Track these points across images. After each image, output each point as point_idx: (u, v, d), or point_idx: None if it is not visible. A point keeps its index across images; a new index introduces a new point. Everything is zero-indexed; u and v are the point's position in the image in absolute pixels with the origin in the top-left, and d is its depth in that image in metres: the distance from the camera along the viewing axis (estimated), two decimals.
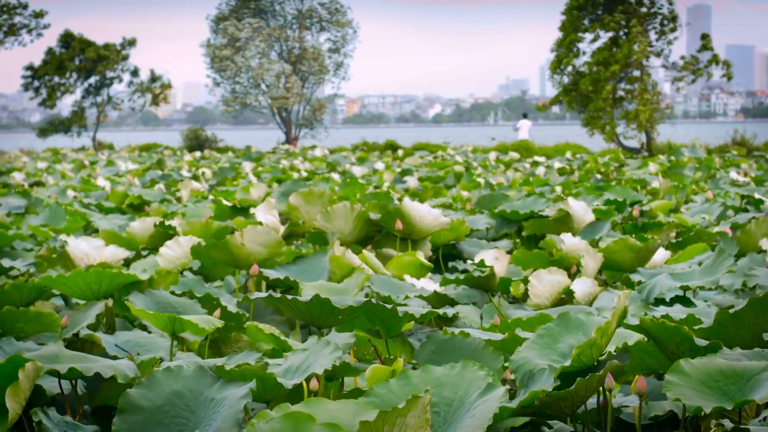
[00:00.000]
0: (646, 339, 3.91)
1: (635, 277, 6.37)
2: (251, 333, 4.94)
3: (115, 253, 6.66)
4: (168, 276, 6.07)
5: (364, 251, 6.60)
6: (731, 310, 4.01)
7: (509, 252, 8.22)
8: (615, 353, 3.83)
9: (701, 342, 3.76)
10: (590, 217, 8.88)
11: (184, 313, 4.95)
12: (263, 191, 13.24)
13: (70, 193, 14.60)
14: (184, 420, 3.34)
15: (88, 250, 6.60)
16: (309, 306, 4.33)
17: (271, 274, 6.32)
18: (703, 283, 5.83)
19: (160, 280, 5.99)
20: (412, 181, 16.26)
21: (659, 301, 5.57)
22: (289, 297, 4.42)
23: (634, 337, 4.00)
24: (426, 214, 7.98)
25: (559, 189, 13.70)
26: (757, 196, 10.51)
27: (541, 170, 19.79)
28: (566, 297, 6.08)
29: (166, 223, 8.34)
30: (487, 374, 3.44)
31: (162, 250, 7.05)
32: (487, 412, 3.16)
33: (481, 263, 6.42)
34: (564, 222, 8.82)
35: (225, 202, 10.07)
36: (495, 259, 6.56)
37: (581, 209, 8.87)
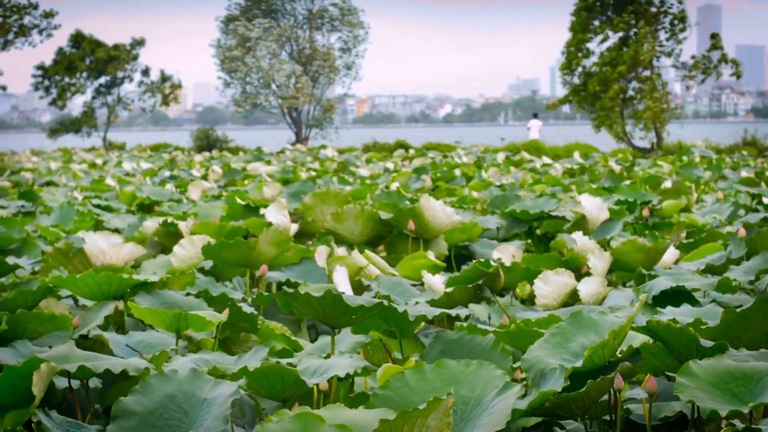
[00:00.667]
0: (651, 340, 3.90)
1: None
2: (263, 332, 4.95)
3: (133, 251, 6.54)
4: (182, 277, 5.99)
5: (366, 251, 6.56)
6: (738, 310, 4.01)
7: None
8: (621, 355, 3.83)
9: (707, 343, 3.76)
10: (605, 215, 8.75)
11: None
12: (276, 190, 13.18)
13: (78, 193, 14.57)
14: (177, 422, 3.35)
15: (105, 247, 6.49)
16: (322, 303, 4.32)
17: (275, 276, 6.32)
18: (701, 285, 5.82)
19: (174, 280, 5.92)
20: (428, 180, 16.20)
21: (666, 302, 5.54)
22: (302, 291, 4.42)
23: (639, 339, 4.00)
24: (440, 212, 7.92)
25: (574, 188, 13.63)
26: (765, 200, 10.48)
27: (557, 168, 19.73)
28: (573, 299, 6.04)
29: (172, 222, 8.29)
30: (504, 373, 3.45)
31: (175, 249, 6.98)
32: (504, 409, 3.17)
33: (486, 262, 6.36)
34: (578, 221, 8.76)
35: (239, 201, 10.06)
36: (512, 256, 6.50)
37: (596, 208, 8.80)
